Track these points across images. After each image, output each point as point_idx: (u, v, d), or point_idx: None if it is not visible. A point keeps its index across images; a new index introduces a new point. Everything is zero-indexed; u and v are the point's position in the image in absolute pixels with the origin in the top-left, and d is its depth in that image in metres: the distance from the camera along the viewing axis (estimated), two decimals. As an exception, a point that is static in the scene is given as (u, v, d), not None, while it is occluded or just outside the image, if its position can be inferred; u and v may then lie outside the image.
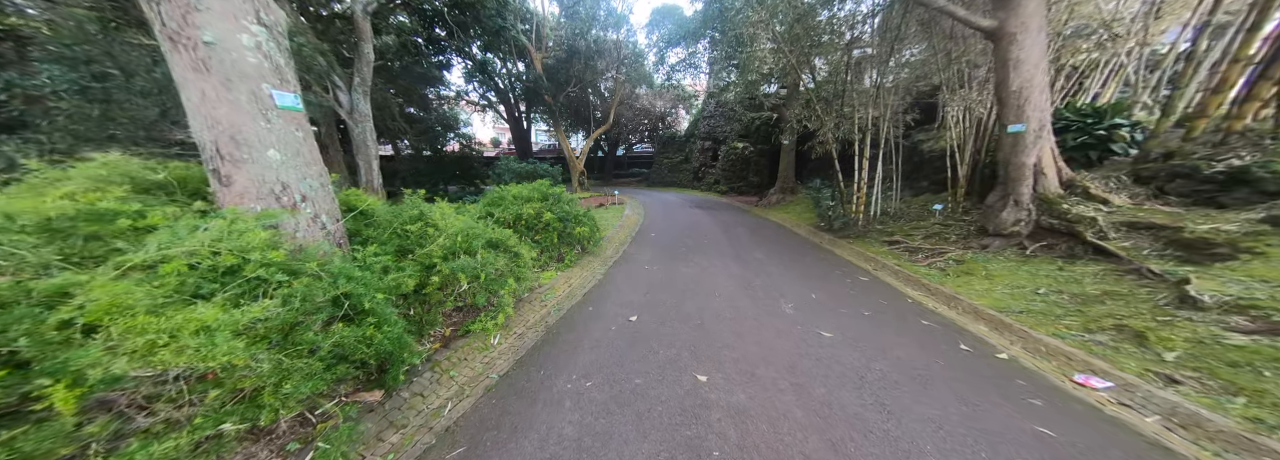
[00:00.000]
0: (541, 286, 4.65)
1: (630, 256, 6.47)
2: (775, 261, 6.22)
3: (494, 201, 5.78)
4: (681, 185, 24.60)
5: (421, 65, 14.85)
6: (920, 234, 7.40)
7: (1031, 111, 5.15)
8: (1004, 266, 5.00)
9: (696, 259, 6.28)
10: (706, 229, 9.62)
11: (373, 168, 11.19)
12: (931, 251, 6.37)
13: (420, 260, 2.94)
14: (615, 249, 7.08)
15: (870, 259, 6.55)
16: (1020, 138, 5.29)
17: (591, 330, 3.43)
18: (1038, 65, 5.02)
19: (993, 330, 3.57)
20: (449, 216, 3.54)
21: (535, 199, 5.91)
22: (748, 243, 7.92)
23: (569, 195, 6.87)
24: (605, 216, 11.76)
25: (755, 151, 19.92)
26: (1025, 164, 5.34)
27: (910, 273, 5.47)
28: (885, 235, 8.00)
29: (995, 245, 5.65)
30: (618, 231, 9.09)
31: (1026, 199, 5.40)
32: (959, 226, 7.21)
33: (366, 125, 10.87)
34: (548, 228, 5.61)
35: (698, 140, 23.31)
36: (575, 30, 17.85)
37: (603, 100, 25.31)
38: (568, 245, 6.08)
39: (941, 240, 6.83)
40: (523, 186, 6.22)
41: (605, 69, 20.68)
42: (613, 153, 32.09)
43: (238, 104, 2.15)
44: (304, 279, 1.82)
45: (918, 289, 4.88)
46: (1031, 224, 5.31)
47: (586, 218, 6.63)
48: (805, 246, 7.76)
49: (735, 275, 5.27)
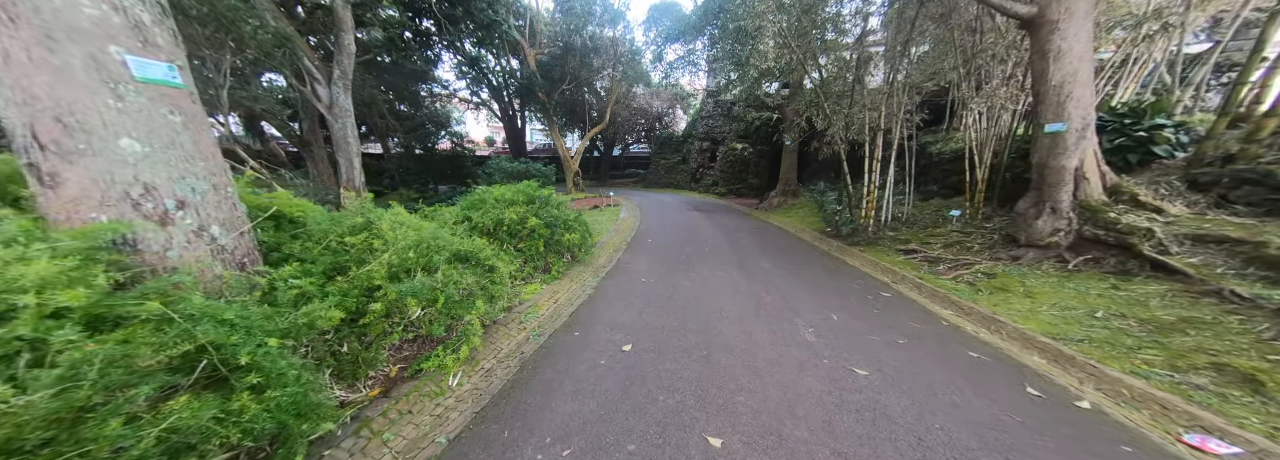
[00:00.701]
0: (522, 304, 4.03)
1: (625, 266, 5.86)
2: (784, 272, 5.64)
3: (473, 204, 5.15)
4: (679, 186, 24.04)
5: (411, 60, 14.19)
6: (939, 243, 6.86)
7: (1073, 109, 4.61)
8: (1044, 282, 4.45)
9: (698, 269, 5.68)
10: (707, 234, 9.04)
11: (354, 165, 10.52)
12: (955, 262, 5.82)
13: (358, 282, 2.31)
14: (609, 257, 6.46)
15: (887, 270, 5.99)
16: (1060, 138, 4.75)
17: (576, 365, 2.82)
18: (1083, 57, 4.48)
19: (1053, 363, 3.00)
20: (404, 225, 2.91)
21: (519, 202, 5.28)
22: (752, 250, 7.34)
23: (558, 198, 6.25)
24: (599, 219, 11.15)
25: (754, 153, 19.41)
26: (1065, 167, 4.80)
27: (935, 287, 4.91)
28: (899, 243, 7.45)
29: (1029, 257, 5.11)
30: (612, 237, 8.48)
31: (1066, 206, 4.86)
32: (981, 235, 6.68)
33: (347, 121, 10.20)
34: (533, 235, 4.99)
35: (696, 140, 22.78)
36: (570, 26, 17.26)
37: (599, 99, 24.72)
38: (556, 254, 5.46)
39: (964, 250, 6.29)
40: (506, 188, 5.59)
41: (601, 67, 20.10)
42: (609, 152, 31.49)
43: (67, 72, 1.51)
44: (124, 332, 1.20)
45: (948, 307, 4.31)
46: (1072, 234, 4.77)
47: (577, 223, 6.02)
48: (813, 255, 7.19)
49: (742, 290, 4.68)
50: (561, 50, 17.87)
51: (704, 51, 16.22)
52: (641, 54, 20.42)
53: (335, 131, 10.07)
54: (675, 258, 6.44)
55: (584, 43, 18.17)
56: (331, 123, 9.98)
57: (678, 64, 16.46)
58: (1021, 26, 4.85)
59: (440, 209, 5.20)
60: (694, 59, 15.53)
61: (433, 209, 5.22)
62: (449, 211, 4.99)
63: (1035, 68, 4.79)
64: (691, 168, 23.18)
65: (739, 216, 12.72)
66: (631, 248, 7.29)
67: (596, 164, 32.28)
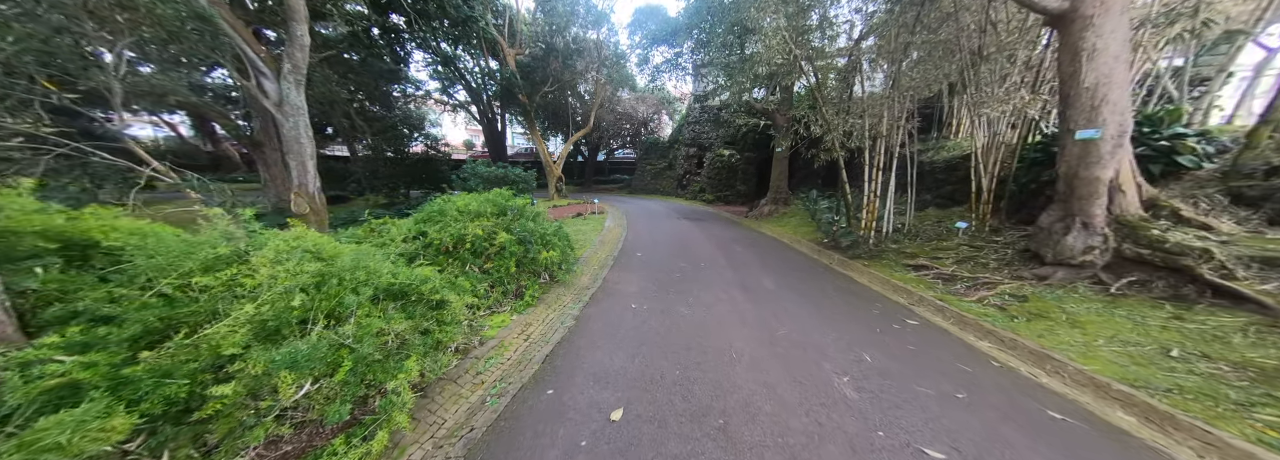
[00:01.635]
0: (483, 344, 3.21)
1: (612, 287, 5.10)
2: (792, 293, 4.99)
3: (431, 217, 4.31)
4: (665, 193, 23.48)
5: (380, 58, 13.15)
6: (949, 258, 6.38)
7: (1109, 114, 4.17)
8: (1087, 309, 3.94)
9: (695, 290, 4.97)
10: (700, 246, 8.37)
11: (308, 169, 9.44)
12: (974, 281, 5.31)
13: (197, 352, 1.49)
14: (593, 276, 5.69)
15: (900, 289, 5.44)
16: (1092, 146, 4.30)
17: (546, 449, 2.04)
18: (1119, 56, 4.05)
19: (1148, 423, 2.41)
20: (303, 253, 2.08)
21: (487, 214, 4.47)
22: (751, 264, 6.70)
23: (534, 209, 5.46)
24: (583, 229, 10.36)
25: (742, 159, 19.05)
26: (1098, 179, 4.34)
27: (962, 312, 4.35)
28: (905, 257, 6.96)
29: (1058, 277, 4.62)
30: (597, 249, 7.71)
31: (1100, 222, 4.39)
32: (994, 250, 6.23)
33: (299, 119, 9.14)
34: (503, 253, 4.18)
35: (682, 146, 22.33)
36: (552, 26, 16.57)
37: (583, 102, 24.03)
38: (531, 274, 4.66)
39: (979, 266, 5.81)
40: (472, 197, 4.77)
41: (585, 69, 19.45)
42: (593, 158, 30.76)
43: None
44: None
45: (984, 337, 3.74)
46: (1109, 253, 4.30)
47: (556, 237, 5.23)
48: (816, 270, 6.61)
49: (749, 318, 3.99)
50: (543, 51, 17.13)
51: (691, 55, 15.82)
52: (626, 57, 19.90)
53: (285, 131, 9.00)
54: (669, 276, 5.73)
55: (567, 44, 17.49)
56: (281, 121, 8.91)
57: (664, 67, 15.98)
58: (1049, 23, 4.42)
59: (390, 223, 4.34)
60: (681, 62, 15.08)
61: (381, 222, 4.36)
62: (400, 226, 4.14)
63: (1064, 68, 4.35)
64: (678, 174, 22.68)
65: (730, 225, 12.15)
66: (619, 264, 6.54)
67: (581, 169, 31.47)
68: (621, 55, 19.55)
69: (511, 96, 17.33)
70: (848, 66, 7.72)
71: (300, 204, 9.28)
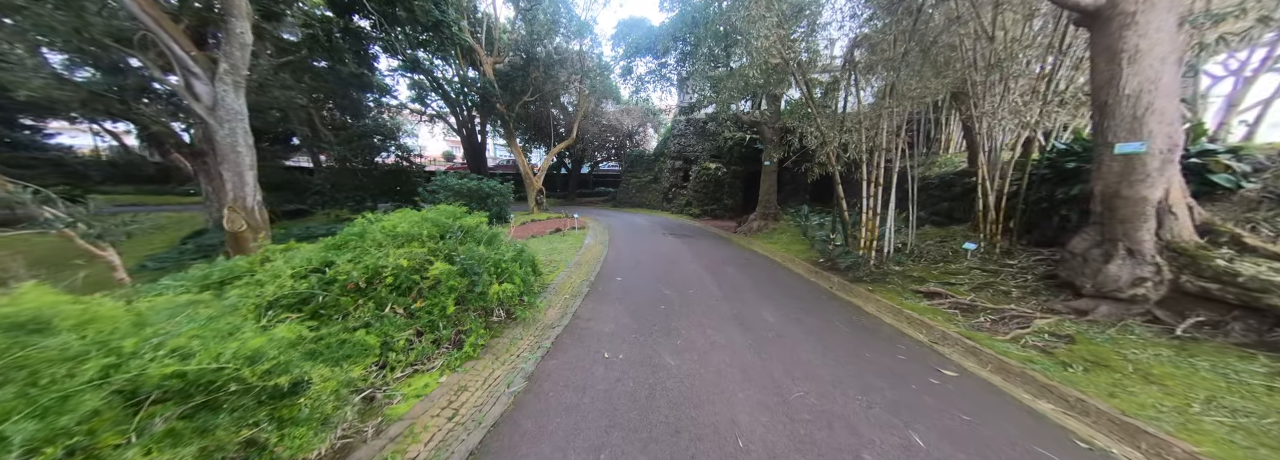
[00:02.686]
0: (381, 434, 2.27)
1: (583, 326, 4.19)
2: (797, 329, 4.20)
3: (344, 242, 3.38)
4: (650, 206, 22.80)
5: (343, 63, 12.21)
6: (963, 284, 5.74)
7: (1156, 124, 3.62)
8: (1154, 356, 3.26)
9: (685, 328, 4.12)
10: (688, 268, 7.57)
11: (246, 180, 8.35)
12: (999, 314, 4.64)
13: None
14: (562, 308, 4.78)
15: (916, 321, 4.72)
16: (1137, 162, 3.74)
17: None
18: (1166, 58, 3.53)
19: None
20: None
21: (422, 238, 3.56)
22: (746, 292, 5.91)
23: (490, 230, 4.57)
24: (559, 247, 9.45)
25: (729, 173, 18.60)
26: (1145, 199, 3.76)
27: (1000, 355, 3.63)
28: (912, 281, 6.31)
29: (1102, 312, 3.98)
30: (572, 273, 6.80)
31: (1149, 248, 3.79)
32: (1011, 275, 5.63)
33: (237, 126, 8.10)
34: (437, 289, 3.26)
35: (668, 159, 21.82)
36: (533, 36, 16.01)
37: (566, 114, 23.43)
38: (480, 313, 3.74)
39: (1000, 295, 5.17)
40: (407, 216, 3.86)
41: (567, 80, 18.91)
42: (577, 170, 30.04)
43: None
44: None
45: (1044, 396, 2.99)
46: (1164, 286, 3.67)
47: (516, 265, 4.34)
48: (818, 297, 5.86)
49: (755, 373, 3.16)
50: (523, 60, 16.51)
51: (676, 67, 15.47)
52: (610, 69, 19.49)
53: (220, 138, 7.95)
54: (653, 308, 4.87)
55: (548, 54, 16.95)
56: (213, 127, 7.87)
57: (648, 78, 15.54)
58: (1080, 22, 3.92)
59: (296, 248, 3.38)
60: (666, 74, 14.68)
61: (282, 248, 3.40)
62: (302, 255, 3.18)
63: (1100, 73, 3.82)
64: (664, 187, 22.08)
65: (719, 242, 11.44)
66: (595, 292, 5.65)
67: (564, 182, 30.66)
68: (605, 66, 19.13)
69: (490, 106, 16.55)
70: (844, 73, 7.22)
71: (236, 220, 8.13)
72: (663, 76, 14.84)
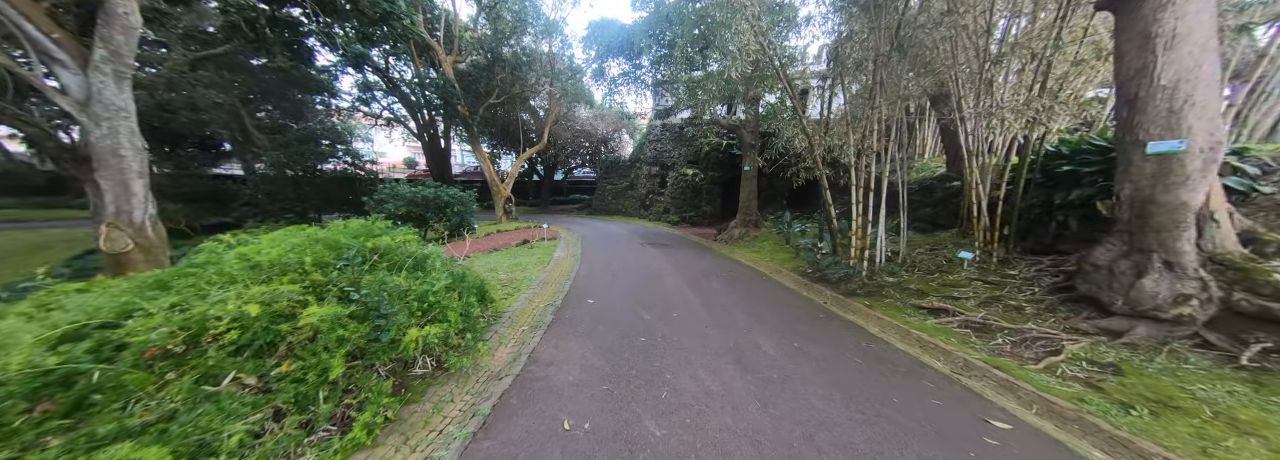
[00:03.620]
0: None
1: (539, 372, 3.29)
2: (806, 365, 3.48)
3: (170, 280, 2.36)
4: (627, 213, 22.03)
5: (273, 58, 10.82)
6: (968, 297, 5.24)
7: (1196, 120, 3.18)
8: (1226, 392, 2.74)
9: (669, 372, 3.31)
10: (669, 283, 6.79)
11: (132, 190, 6.97)
12: (1018, 335, 4.11)
13: None
14: (517, 346, 3.86)
15: (929, 345, 4.12)
16: (1174, 162, 3.29)
17: None
18: (1206, 45, 3.11)
19: None
20: None
21: (303, 268, 2.59)
22: (736, 311, 5.18)
23: (419, 250, 3.61)
24: (525, 262, 8.46)
25: (707, 179, 18.14)
26: (1185, 204, 3.31)
27: (1040, 390, 3.04)
28: (911, 295, 5.79)
29: (1140, 335, 3.48)
30: (534, 295, 5.86)
31: (1191, 261, 3.33)
32: (1016, 287, 5.18)
33: (119, 125, 6.75)
34: (314, 345, 2.29)
35: (644, 165, 21.20)
36: (498, 34, 15.07)
37: (537, 119, 22.45)
38: (395, 367, 2.79)
39: (1012, 311, 4.68)
40: (289, 235, 2.88)
41: (537, 82, 18.01)
42: (550, 177, 28.95)
43: None
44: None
45: (1118, 451, 2.38)
46: (1214, 304, 3.21)
47: (454, 294, 3.42)
48: (817, 317, 5.20)
49: (769, 445, 2.37)
50: (487, 60, 15.50)
51: (650, 70, 14.92)
52: (582, 72, 18.75)
53: (95, 139, 6.58)
54: (630, 340, 4.03)
55: (515, 54, 16.02)
56: (87, 127, 6.49)
57: (621, 80, 14.89)
58: (1104, 4, 3.48)
59: (96, 288, 2.33)
60: (640, 75, 14.09)
61: (81, 288, 2.35)
62: (87, 303, 2.13)
63: (1129, 63, 3.38)
64: (640, 194, 21.40)
65: (700, 252, 10.76)
66: (561, 320, 4.75)
67: (536, 189, 29.48)
68: (577, 69, 18.38)
69: (452, 109, 15.38)
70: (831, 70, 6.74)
71: (117, 239, 6.71)
72: (637, 78, 14.24)
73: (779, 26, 7.31)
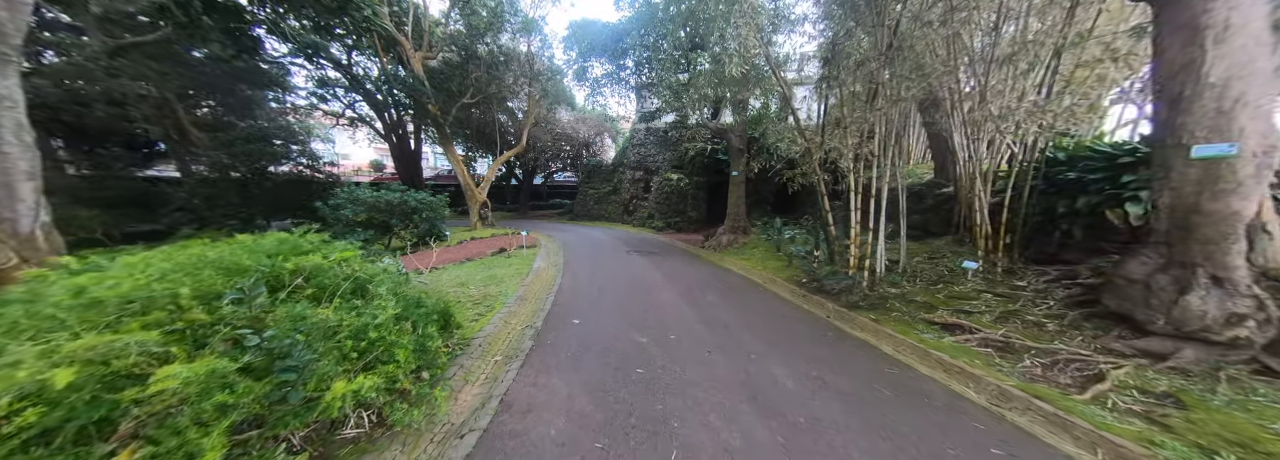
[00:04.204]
0: None
1: (513, 426, 2.61)
2: (835, 405, 2.95)
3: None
4: (610, 219, 21.39)
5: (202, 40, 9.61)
6: (981, 312, 4.90)
7: (1248, 121, 2.90)
8: (1314, 430, 2.40)
9: (677, 417, 2.71)
10: (663, 298, 6.21)
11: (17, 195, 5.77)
12: (1047, 356, 3.75)
13: None
14: (486, 386, 3.17)
15: (954, 369, 3.70)
16: (1223, 168, 3.00)
17: None
18: (1260, 38, 2.84)
19: None
20: None
21: (178, 303, 1.87)
22: (741, 332, 4.64)
23: (364, 270, 2.89)
24: (502, 274, 7.71)
25: (692, 184, 17.78)
26: (1236, 214, 3.02)
27: (1098, 428, 2.63)
28: (918, 308, 5.42)
29: (1188, 358, 3.16)
30: (510, 315, 5.14)
31: (1242, 277, 3.03)
32: (1031, 300, 4.88)
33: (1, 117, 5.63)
34: (175, 422, 1.56)
35: (627, 170, 20.67)
36: (473, 30, 14.27)
37: (515, 120, 21.59)
38: (314, 432, 2.08)
39: (1034, 328, 4.34)
40: (168, 256, 2.14)
41: (515, 83, 17.24)
42: (529, 181, 28.00)
43: None
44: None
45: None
46: (1275, 325, 2.90)
47: (406, 325, 2.72)
48: (826, 336, 4.73)
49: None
50: (461, 58, 14.65)
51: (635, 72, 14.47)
52: (563, 73, 18.10)
53: (-32, 135, 5.41)
54: (625, 376, 3.40)
55: (491, 52, 15.23)
56: (-43, 119, 5.33)
57: (604, 82, 14.36)
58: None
59: None
60: (623, 76, 13.61)
61: None
62: None
63: (1172, 58, 3.08)
64: (623, 199, 20.83)
65: (690, 260, 10.25)
66: (542, 347, 4.08)
67: (515, 194, 28.44)
68: (557, 70, 17.73)
69: (422, 108, 14.40)
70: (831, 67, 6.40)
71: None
72: (621, 79, 13.75)
73: (777, 23, 6.95)
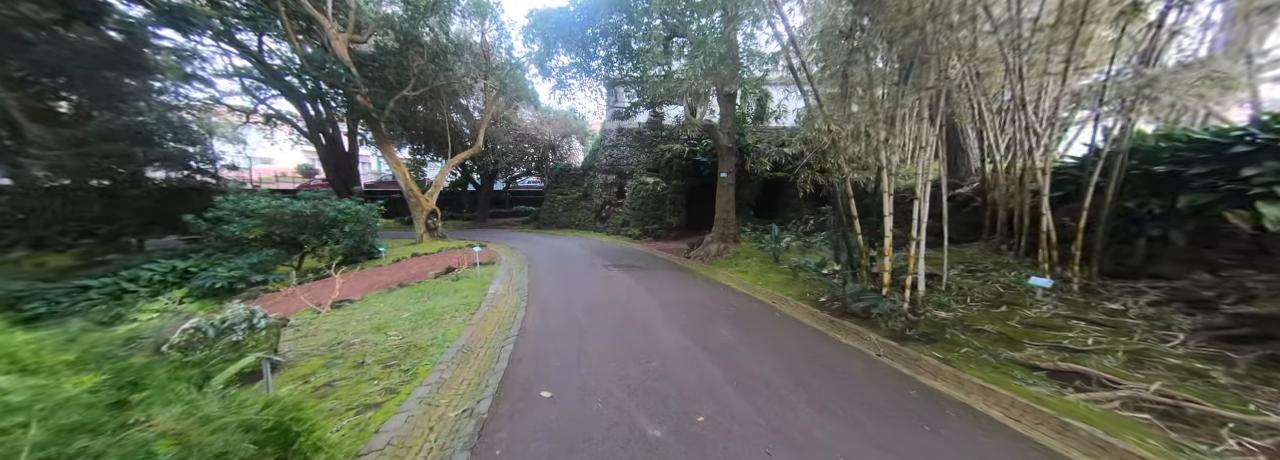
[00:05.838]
0: None
1: None
2: None
3: None
4: (581, 227, 19.56)
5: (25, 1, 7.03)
6: (1094, 351, 3.71)
7: None
8: None
9: None
10: (664, 338, 4.61)
11: None
12: (1240, 428, 2.55)
13: None
14: None
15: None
16: None
17: None
18: None
19: None
20: None
21: None
22: (783, 392, 3.14)
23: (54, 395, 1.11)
24: (443, 306, 5.79)
25: (670, 187, 16.41)
26: None
27: None
28: (991, 341, 4.20)
29: None
30: (442, 383, 3.30)
31: None
32: (1147, 331, 3.77)
33: None
34: None
35: (599, 173, 19.00)
36: (414, 10, 12.15)
37: (471, 120, 19.36)
38: None
39: (1195, 379, 3.18)
40: None
41: (469, 75, 15.16)
42: (489, 186, 25.53)
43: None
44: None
45: None
46: None
47: None
48: (905, 392, 3.35)
49: None
50: (399, 43, 12.47)
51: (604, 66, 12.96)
52: (524, 67, 16.23)
53: None
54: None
55: (437, 39, 13.15)
56: None
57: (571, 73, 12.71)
58: None
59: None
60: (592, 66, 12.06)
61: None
62: None
63: None
64: (595, 205, 19.11)
65: (679, 276, 8.76)
66: (495, 426, 2.35)
67: (472, 200, 25.86)
68: (517, 63, 15.84)
69: (351, 100, 12.03)
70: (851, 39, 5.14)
71: None
72: (590, 71, 12.19)
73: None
